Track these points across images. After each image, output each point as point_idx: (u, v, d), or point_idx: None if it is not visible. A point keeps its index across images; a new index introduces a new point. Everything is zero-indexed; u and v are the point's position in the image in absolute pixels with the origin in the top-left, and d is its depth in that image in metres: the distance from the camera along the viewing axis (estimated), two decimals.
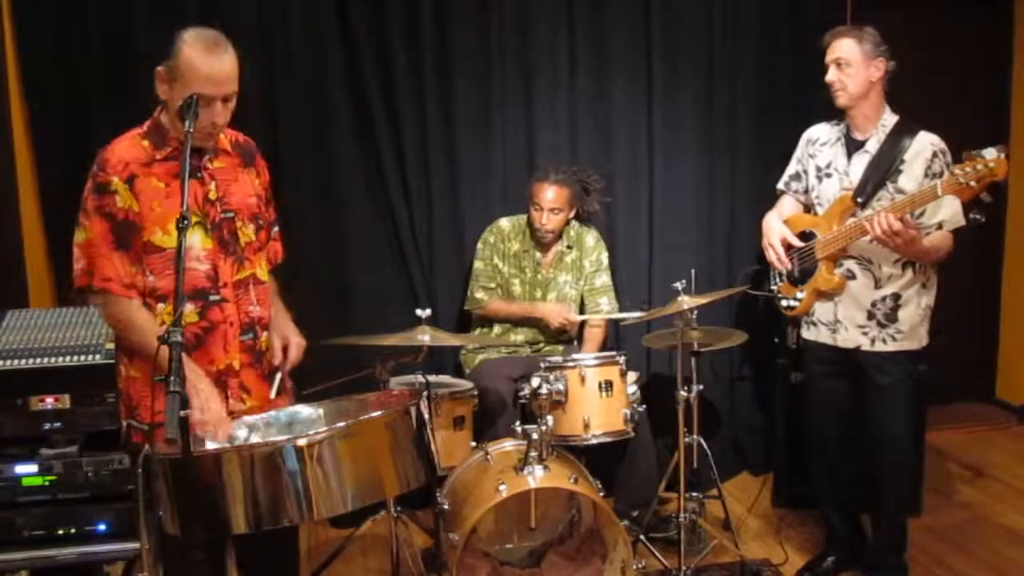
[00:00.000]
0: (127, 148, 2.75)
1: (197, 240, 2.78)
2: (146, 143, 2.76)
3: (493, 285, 4.40)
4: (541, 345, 4.43)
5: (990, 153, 3.09)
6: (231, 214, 2.86)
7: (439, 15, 4.41)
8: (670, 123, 4.71)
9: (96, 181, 2.72)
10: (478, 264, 4.43)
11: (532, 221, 4.34)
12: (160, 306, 2.76)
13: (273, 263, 3.12)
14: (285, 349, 2.99)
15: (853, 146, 3.63)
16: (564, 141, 4.64)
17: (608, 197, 4.58)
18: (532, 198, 4.29)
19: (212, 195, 2.82)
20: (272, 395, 2.93)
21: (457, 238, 4.59)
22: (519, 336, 4.42)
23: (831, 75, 3.55)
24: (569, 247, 4.43)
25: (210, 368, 2.82)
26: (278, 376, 2.94)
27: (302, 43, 4.29)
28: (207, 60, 2.64)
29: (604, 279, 4.47)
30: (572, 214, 4.36)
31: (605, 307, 4.44)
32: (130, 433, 2.88)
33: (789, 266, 3.78)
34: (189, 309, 2.77)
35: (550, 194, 4.23)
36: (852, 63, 3.50)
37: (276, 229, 3.14)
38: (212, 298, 2.82)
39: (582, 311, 4.48)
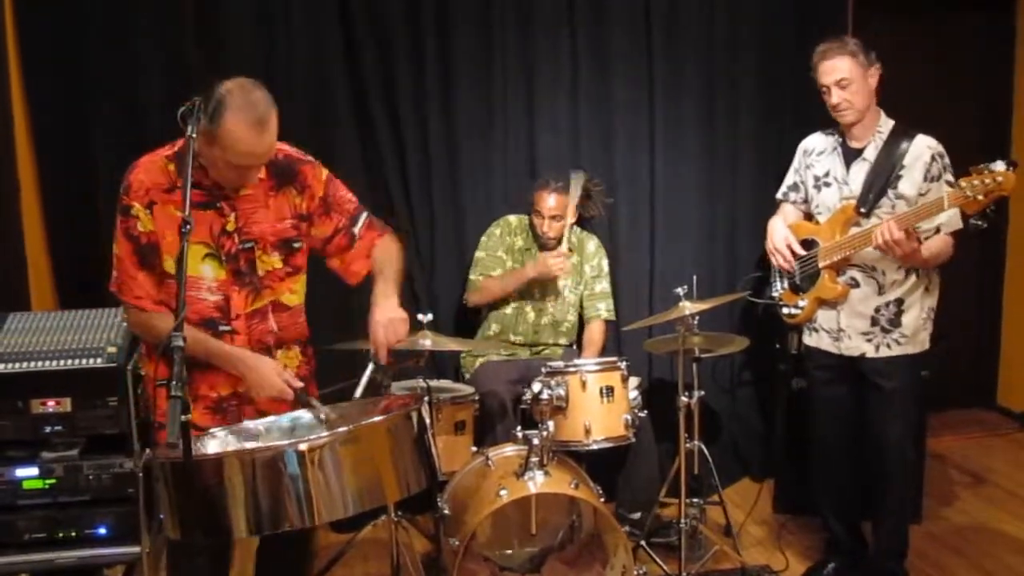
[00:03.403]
0: (150, 173, 2.71)
1: (209, 271, 2.76)
2: (171, 167, 2.71)
3: (492, 275, 4.41)
4: (541, 348, 4.43)
5: (999, 167, 3.07)
6: (250, 244, 2.81)
7: (441, 18, 4.41)
8: (671, 128, 4.71)
9: (121, 203, 2.71)
10: (479, 253, 4.44)
11: (534, 227, 4.35)
12: None
13: (371, 253, 3.00)
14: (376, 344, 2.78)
15: (851, 155, 3.62)
16: (565, 146, 4.65)
17: (610, 198, 4.59)
18: (534, 205, 4.32)
19: (230, 226, 2.78)
20: (358, 394, 2.81)
21: (458, 242, 4.59)
22: (518, 336, 4.41)
23: (835, 97, 3.50)
24: (570, 251, 4.43)
25: (210, 393, 2.81)
26: (367, 372, 2.81)
27: (303, 44, 4.29)
28: (250, 138, 2.58)
29: (604, 285, 4.48)
30: (574, 219, 4.37)
31: (603, 312, 4.45)
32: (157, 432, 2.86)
33: (793, 268, 3.78)
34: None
35: (551, 202, 4.26)
36: (854, 80, 3.48)
37: (360, 225, 3.00)
38: (222, 328, 2.79)
39: (580, 316, 4.49)
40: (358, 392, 2.82)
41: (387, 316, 2.79)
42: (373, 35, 4.36)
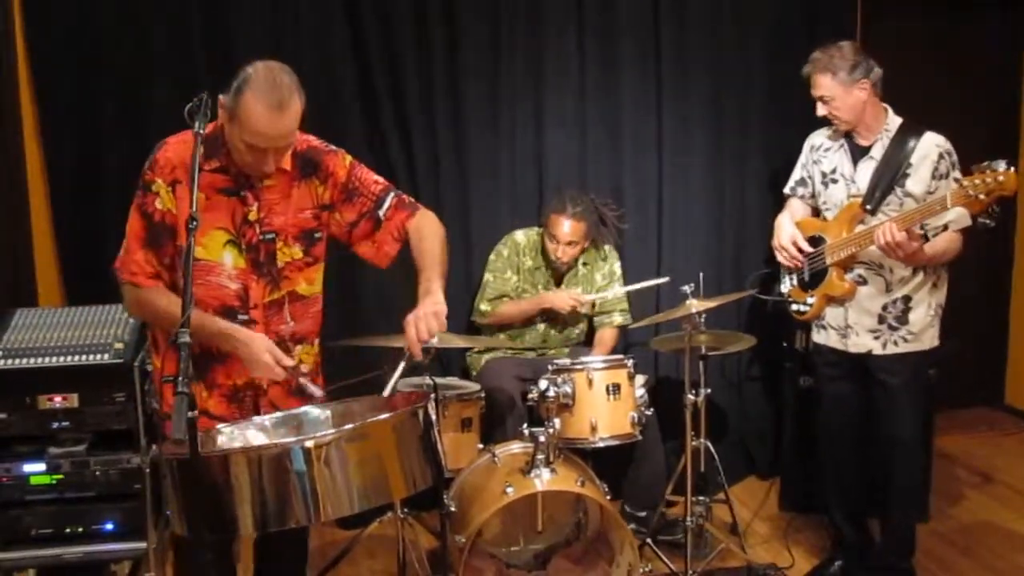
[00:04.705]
0: (179, 151, 2.68)
1: (229, 259, 2.75)
2: (201, 148, 2.61)
3: (500, 297, 4.36)
4: (548, 350, 4.42)
5: (1000, 166, 3.07)
6: (271, 235, 2.80)
7: (449, 17, 4.40)
8: (679, 125, 4.69)
9: (143, 178, 2.70)
10: (488, 276, 4.39)
11: (547, 251, 4.28)
12: None
13: (401, 238, 2.94)
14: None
15: (858, 152, 3.62)
16: (573, 145, 4.63)
17: (625, 224, 4.50)
18: (548, 229, 4.22)
19: (252, 216, 2.76)
20: (387, 391, 2.75)
21: (465, 239, 4.57)
22: (524, 342, 4.40)
23: (820, 110, 3.58)
24: (584, 263, 4.39)
25: (227, 382, 2.81)
26: (399, 367, 2.73)
27: (310, 43, 4.28)
28: (266, 118, 2.55)
29: (616, 291, 4.40)
30: (587, 244, 4.31)
31: (618, 319, 4.40)
32: (163, 425, 2.87)
33: (801, 265, 3.77)
34: None
35: (566, 228, 4.15)
36: (835, 97, 3.52)
37: (386, 207, 2.93)
38: (240, 318, 2.78)
39: (591, 323, 4.46)
40: (387, 390, 2.76)
41: (421, 311, 2.67)
42: (381, 35, 4.35)
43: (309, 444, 2.26)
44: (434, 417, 2.57)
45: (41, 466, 3.36)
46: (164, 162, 2.68)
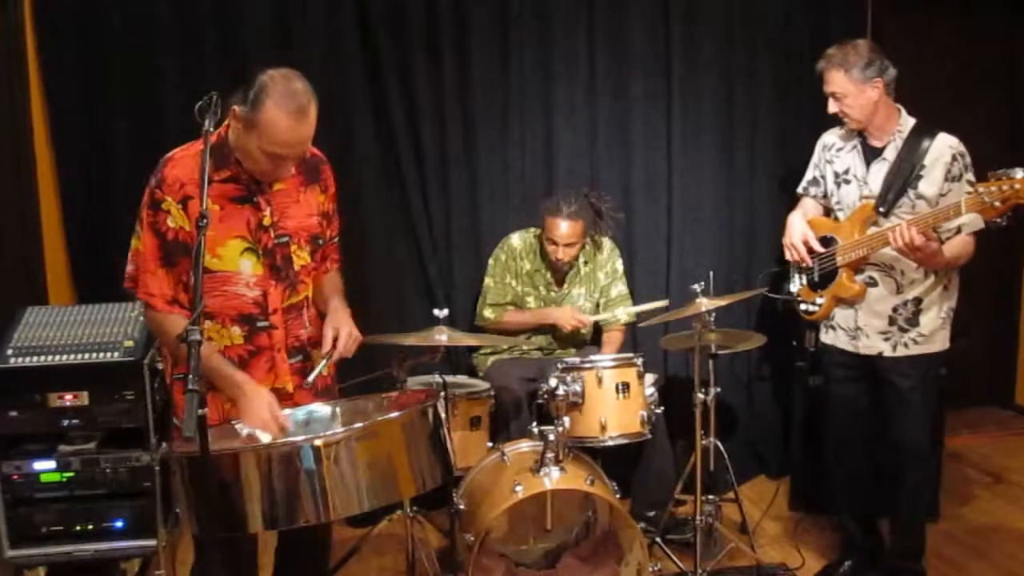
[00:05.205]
0: (186, 167, 2.65)
1: (248, 267, 2.74)
2: (208, 158, 2.60)
3: (503, 302, 4.36)
4: (555, 350, 4.41)
5: (1018, 174, 3.04)
6: (286, 239, 2.80)
7: (458, 13, 4.40)
8: (689, 124, 4.68)
9: (152, 197, 2.66)
10: (488, 281, 4.38)
11: (547, 252, 4.26)
12: (208, 323, 2.72)
13: (324, 272, 3.04)
14: (335, 340, 2.83)
15: (871, 153, 3.60)
16: (583, 142, 4.63)
17: (621, 213, 4.48)
18: (546, 231, 4.20)
19: (266, 221, 2.76)
20: (310, 380, 2.82)
21: (475, 237, 4.58)
22: (532, 344, 4.39)
23: (832, 107, 3.55)
24: (586, 262, 4.39)
25: None
26: (321, 364, 2.81)
27: (322, 43, 4.29)
28: (290, 127, 2.56)
29: (620, 288, 4.41)
30: (586, 240, 4.29)
31: (623, 317, 4.39)
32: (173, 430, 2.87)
33: (810, 264, 3.76)
34: (235, 332, 2.76)
35: (564, 228, 4.12)
36: (847, 94, 3.49)
37: (336, 241, 3.08)
38: (260, 324, 2.78)
39: (597, 323, 4.43)
40: (310, 378, 2.84)
41: (348, 330, 2.86)
42: (390, 32, 4.34)
43: (319, 442, 2.27)
44: (443, 416, 2.58)
45: (51, 464, 3.37)
46: (172, 180, 2.65)
